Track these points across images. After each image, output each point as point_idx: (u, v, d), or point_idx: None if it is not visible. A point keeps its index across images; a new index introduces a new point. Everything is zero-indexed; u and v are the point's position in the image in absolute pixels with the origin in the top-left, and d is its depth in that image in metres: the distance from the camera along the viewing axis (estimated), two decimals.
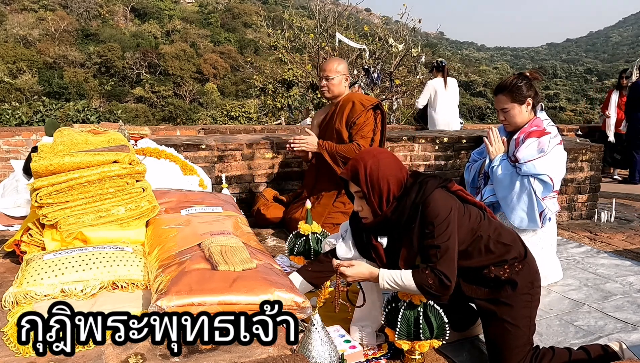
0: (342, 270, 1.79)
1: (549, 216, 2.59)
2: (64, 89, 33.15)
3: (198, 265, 1.68)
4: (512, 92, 2.56)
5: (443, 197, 1.74)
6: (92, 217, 1.96)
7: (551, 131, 2.58)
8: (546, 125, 2.60)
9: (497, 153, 2.65)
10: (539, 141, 2.54)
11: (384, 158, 1.81)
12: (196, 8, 60.54)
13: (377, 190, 1.78)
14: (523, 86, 2.54)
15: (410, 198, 1.74)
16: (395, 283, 1.73)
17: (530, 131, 2.58)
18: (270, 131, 6.07)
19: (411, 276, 1.70)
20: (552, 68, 68.03)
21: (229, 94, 38.04)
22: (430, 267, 1.69)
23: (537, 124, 2.60)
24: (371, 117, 3.19)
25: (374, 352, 1.95)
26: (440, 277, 1.66)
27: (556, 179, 2.54)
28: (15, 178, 3.04)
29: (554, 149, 2.55)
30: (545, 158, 2.51)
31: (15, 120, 9.48)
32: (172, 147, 3.33)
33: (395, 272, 1.74)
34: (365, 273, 1.79)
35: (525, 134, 2.58)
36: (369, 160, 1.79)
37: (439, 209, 1.70)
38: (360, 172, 1.78)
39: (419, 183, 1.77)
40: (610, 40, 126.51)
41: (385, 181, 1.77)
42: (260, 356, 1.42)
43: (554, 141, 2.56)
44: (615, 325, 2.26)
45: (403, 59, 9.47)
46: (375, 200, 1.79)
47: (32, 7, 47.09)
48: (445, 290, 1.68)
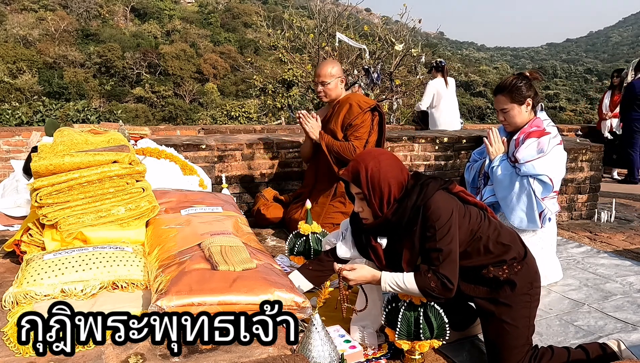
0: (345, 274, 1.78)
1: (549, 216, 2.59)
2: (64, 89, 33.16)
3: (198, 265, 1.68)
4: (512, 93, 2.56)
5: (444, 199, 1.74)
6: (92, 217, 1.96)
7: (551, 131, 2.58)
8: (546, 125, 2.60)
9: (497, 153, 2.65)
10: (538, 142, 2.54)
11: (384, 159, 1.81)
12: (196, 8, 60.56)
13: (378, 192, 1.77)
14: (523, 86, 2.54)
15: (411, 200, 1.74)
16: (397, 286, 1.73)
17: (530, 132, 2.57)
18: (270, 131, 6.07)
19: (413, 279, 1.70)
20: (552, 68, 68.03)
21: (229, 94, 38.05)
22: (432, 270, 1.69)
23: (537, 125, 2.60)
24: (368, 119, 3.20)
25: (374, 352, 1.95)
26: (443, 280, 1.67)
27: (556, 179, 2.54)
28: (15, 178, 3.04)
29: (554, 150, 2.55)
30: (544, 158, 2.51)
31: (15, 120, 9.48)
32: (172, 147, 3.33)
33: (397, 275, 1.74)
34: (368, 276, 1.79)
35: (525, 134, 2.58)
36: (370, 162, 1.78)
37: (441, 212, 1.70)
38: (362, 174, 1.78)
39: (420, 185, 1.77)
40: (610, 40, 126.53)
41: (386, 183, 1.77)
42: (260, 356, 1.42)
43: (554, 142, 2.56)
44: (615, 325, 2.26)
45: (403, 59, 9.46)
46: (376, 202, 1.79)
47: (32, 7, 47.10)
48: (447, 293, 1.69)
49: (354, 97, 3.30)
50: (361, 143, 3.17)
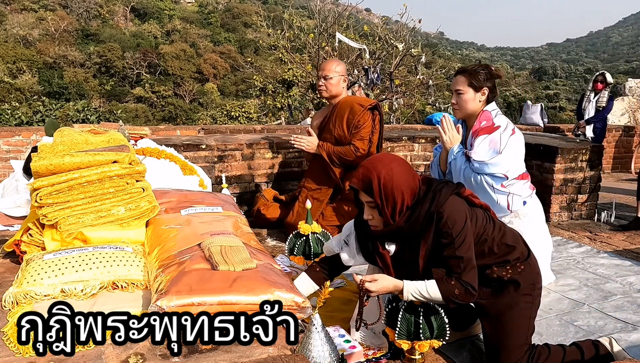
0: (367, 286, 1.73)
1: (523, 199, 2.51)
2: (64, 89, 33.13)
3: (198, 265, 1.68)
4: (472, 76, 2.51)
5: (457, 205, 1.72)
6: (92, 217, 1.96)
7: (501, 124, 2.51)
8: (494, 116, 2.53)
9: (451, 142, 2.59)
10: (490, 140, 2.48)
11: (396, 166, 1.75)
12: (196, 8, 60.52)
13: (391, 201, 1.73)
14: (482, 74, 2.50)
15: (424, 207, 1.71)
16: (420, 294, 1.71)
17: (480, 128, 2.51)
18: (270, 131, 6.07)
19: (437, 287, 1.69)
20: (552, 68, 68.00)
21: (229, 94, 38.02)
22: (455, 278, 1.68)
23: (486, 118, 2.53)
24: (369, 118, 3.23)
25: (374, 352, 1.95)
26: (467, 287, 1.68)
27: (511, 173, 2.47)
28: (15, 178, 3.04)
29: (509, 144, 2.46)
30: (499, 157, 2.44)
31: (15, 120, 9.48)
32: (172, 147, 3.33)
33: (419, 284, 1.71)
34: (390, 286, 1.74)
35: (476, 131, 2.52)
36: (382, 170, 1.72)
37: (456, 218, 1.69)
38: (374, 183, 1.71)
39: (432, 191, 1.74)
40: (610, 40, 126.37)
41: (399, 192, 1.72)
42: (260, 356, 1.42)
43: (506, 135, 2.48)
44: (615, 325, 2.26)
45: (403, 59, 9.47)
46: (389, 211, 1.74)
47: (32, 7, 47.07)
48: (471, 298, 1.70)
49: (354, 98, 3.36)
50: (364, 144, 3.19)
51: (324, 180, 3.30)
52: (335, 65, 3.31)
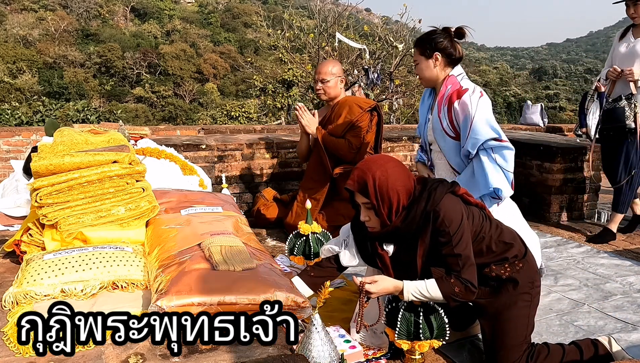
0: (367, 288, 1.73)
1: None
2: (64, 89, 33.14)
3: (198, 265, 1.68)
4: (423, 44, 2.43)
5: (453, 204, 1.73)
6: (92, 217, 1.96)
7: (468, 87, 2.37)
8: (460, 80, 2.41)
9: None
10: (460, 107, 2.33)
11: (391, 167, 1.76)
12: (196, 8, 60.51)
13: (387, 202, 1.73)
14: (435, 39, 2.39)
15: (420, 207, 1.72)
16: (421, 294, 1.71)
17: (450, 94, 2.38)
18: (270, 131, 6.07)
19: (437, 286, 1.69)
20: (552, 68, 67.99)
21: (229, 94, 38.00)
22: (454, 276, 1.69)
23: (452, 82, 2.40)
24: (367, 118, 3.23)
25: (374, 352, 1.95)
26: (467, 285, 1.68)
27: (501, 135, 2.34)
28: (15, 178, 3.04)
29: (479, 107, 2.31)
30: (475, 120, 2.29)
31: (15, 120, 9.48)
32: (172, 147, 3.33)
33: (419, 284, 1.71)
34: (390, 287, 1.74)
35: (442, 96, 2.40)
36: (377, 171, 1.73)
37: (452, 216, 1.69)
38: (369, 184, 1.72)
39: (427, 190, 1.74)
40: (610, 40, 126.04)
41: (394, 192, 1.72)
42: (260, 356, 1.42)
43: (475, 98, 2.33)
44: (615, 325, 2.26)
45: (403, 59, 9.47)
46: (385, 211, 1.74)
47: (32, 7, 47.06)
48: (471, 296, 1.71)
49: (353, 99, 3.35)
50: (358, 141, 3.20)
51: (319, 178, 3.29)
52: (331, 67, 3.29)
